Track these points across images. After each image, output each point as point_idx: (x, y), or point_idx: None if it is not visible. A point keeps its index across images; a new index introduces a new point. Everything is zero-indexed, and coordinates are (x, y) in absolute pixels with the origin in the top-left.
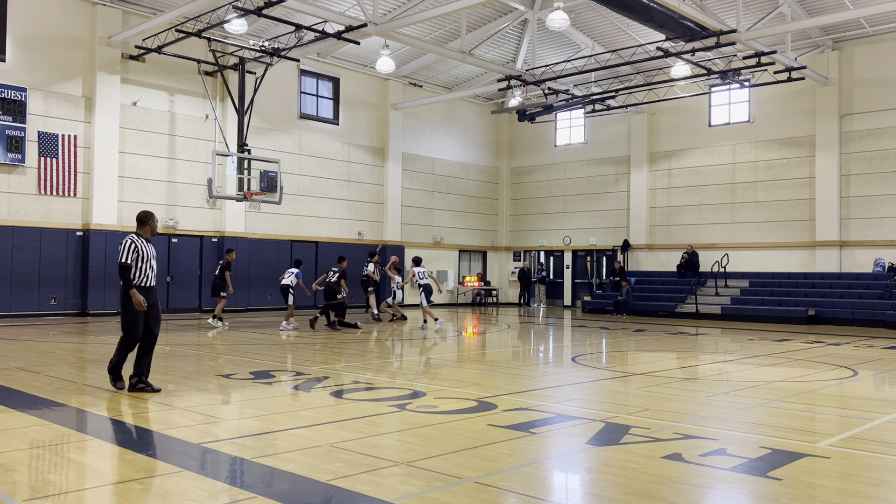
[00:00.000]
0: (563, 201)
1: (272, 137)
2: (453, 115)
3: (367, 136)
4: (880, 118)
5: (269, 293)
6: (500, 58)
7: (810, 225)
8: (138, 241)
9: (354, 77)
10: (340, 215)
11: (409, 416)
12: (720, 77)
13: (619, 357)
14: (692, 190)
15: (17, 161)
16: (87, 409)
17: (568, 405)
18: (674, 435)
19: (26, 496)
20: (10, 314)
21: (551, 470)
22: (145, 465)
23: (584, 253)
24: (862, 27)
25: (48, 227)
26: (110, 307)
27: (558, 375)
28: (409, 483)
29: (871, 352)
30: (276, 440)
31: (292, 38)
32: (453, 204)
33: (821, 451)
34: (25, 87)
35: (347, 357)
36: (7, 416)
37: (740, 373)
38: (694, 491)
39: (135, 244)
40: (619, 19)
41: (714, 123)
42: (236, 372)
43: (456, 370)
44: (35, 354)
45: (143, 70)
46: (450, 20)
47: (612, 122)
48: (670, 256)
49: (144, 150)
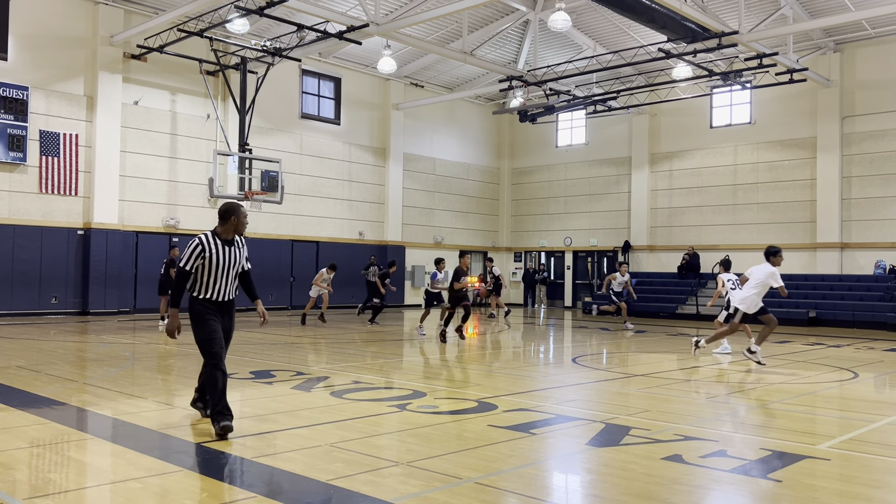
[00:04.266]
0: (564, 202)
1: (273, 137)
2: (454, 116)
3: (368, 137)
4: (882, 120)
5: (269, 293)
6: (502, 58)
7: (811, 227)
8: (211, 243)
9: (356, 77)
10: (341, 215)
11: (409, 417)
12: (722, 78)
13: (620, 358)
14: (693, 191)
15: (18, 160)
16: (88, 408)
17: (568, 406)
18: (674, 436)
19: (26, 495)
20: (11, 312)
21: (551, 471)
22: (145, 464)
23: (584, 254)
24: (864, 29)
25: (49, 225)
26: (111, 306)
27: (559, 376)
28: (409, 483)
29: (871, 354)
30: (277, 440)
31: (294, 38)
32: (454, 204)
33: (821, 452)
34: (27, 85)
35: (348, 357)
36: (7, 414)
37: (741, 374)
38: (694, 492)
39: (204, 247)
40: (621, 20)
41: (715, 125)
42: (237, 371)
43: (456, 371)
44: (36, 353)
45: (145, 69)
46: (451, 21)
47: (613, 123)
48: (671, 257)
49: (146, 150)
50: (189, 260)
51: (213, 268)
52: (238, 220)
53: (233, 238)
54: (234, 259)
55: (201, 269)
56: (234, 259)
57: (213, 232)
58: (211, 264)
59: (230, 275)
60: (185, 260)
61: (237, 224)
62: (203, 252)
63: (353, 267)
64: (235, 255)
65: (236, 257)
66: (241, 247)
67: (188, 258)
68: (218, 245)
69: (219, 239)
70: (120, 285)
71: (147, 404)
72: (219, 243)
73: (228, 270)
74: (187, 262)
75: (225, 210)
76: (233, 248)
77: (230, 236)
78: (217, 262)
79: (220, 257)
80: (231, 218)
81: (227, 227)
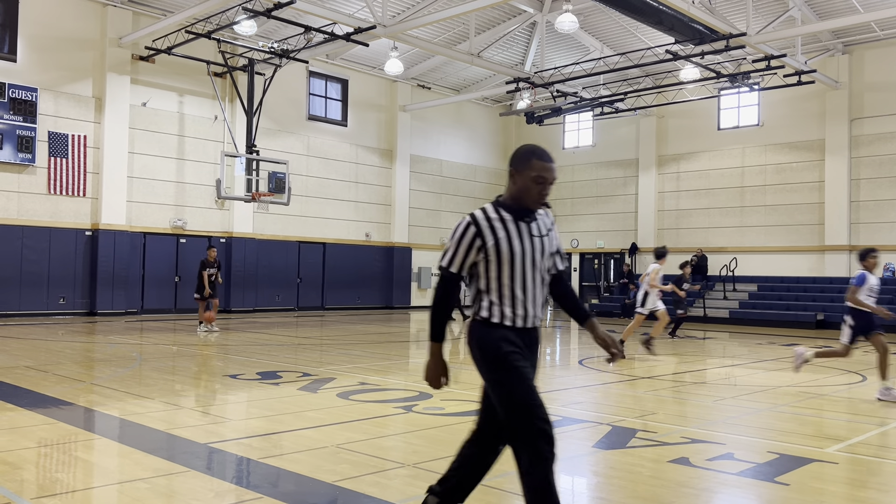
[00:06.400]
0: (570, 204)
1: (281, 139)
2: (461, 118)
3: (375, 138)
4: (891, 122)
5: (276, 294)
6: (509, 60)
7: (819, 229)
8: (494, 222)
9: (363, 79)
10: (348, 217)
11: (415, 418)
12: (729, 80)
13: (627, 360)
14: (701, 193)
15: (27, 161)
16: (95, 408)
17: (575, 408)
18: (681, 439)
19: (34, 494)
20: (20, 313)
21: (557, 473)
22: (152, 464)
23: (591, 256)
24: (872, 31)
25: (57, 226)
26: (118, 307)
27: (565, 378)
28: (414, 485)
29: None
30: (283, 441)
31: (301, 40)
32: (461, 206)
33: (829, 456)
34: (36, 87)
35: (354, 358)
36: (16, 414)
37: (748, 377)
38: (700, 495)
39: (480, 229)
40: (628, 22)
41: (723, 127)
42: (243, 372)
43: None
44: (44, 353)
45: (153, 71)
46: (458, 22)
47: (620, 124)
48: (679, 260)
49: (154, 151)
50: (455, 256)
51: (507, 265)
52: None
53: (532, 211)
54: (542, 247)
55: (485, 270)
56: (540, 248)
57: (497, 203)
58: (501, 258)
59: (536, 277)
60: (450, 257)
61: (545, 179)
62: (480, 238)
63: (359, 269)
64: (541, 239)
65: (543, 244)
66: (547, 226)
67: (452, 254)
68: (508, 224)
69: (507, 212)
70: (127, 286)
71: (154, 405)
72: (508, 220)
73: (533, 268)
74: (451, 260)
75: (523, 154)
76: (534, 227)
77: (529, 204)
78: (512, 255)
79: (517, 245)
80: (532, 161)
81: (525, 187)
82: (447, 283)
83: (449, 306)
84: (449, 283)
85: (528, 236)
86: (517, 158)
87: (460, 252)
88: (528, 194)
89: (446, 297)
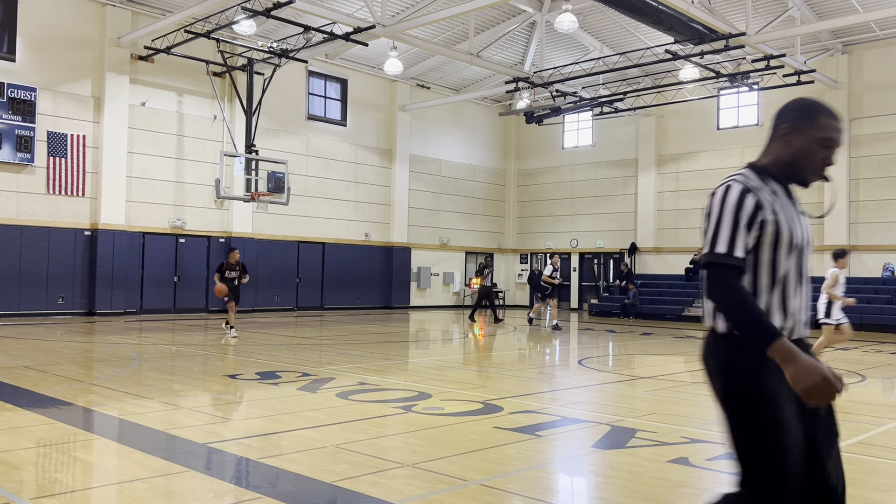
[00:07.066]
0: (570, 204)
1: (280, 138)
2: (461, 117)
3: (374, 138)
4: (890, 122)
5: (275, 294)
6: (508, 60)
7: (818, 229)
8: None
9: (362, 78)
10: (347, 216)
11: (414, 418)
12: (729, 80)
13: (626, 360)
14: (700, 193)
15: (26, 161)
16: (94, 408)
17: (574, 408)
18: (680, 439)
19: (33, 495)
20: (18, 313)
21: (557, 473)
22: (151, 464)
23: (591, 255)
24: (872, 31)
25: (56, 226)
26: (117, 307)
27: (565, 378)
28: (414, 485)
29: (879, 357)
30: (282, 441)
31: (300, 40)
32: (460, 206)
33: None
34: (35, 87)
35: (353, 358)
36: (14, 414)
37: None
38: (700, 495)
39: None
40: (628, 22)
41: (722, 126)
42: (242, 372)
43: (462, 372)
44: (42, 353)
45: (152, 70)
46: (458, 22)
47: (620, 124)
48: (678, 259)
49: (153, 151)
50: (736, 235)
51: (784, 253)
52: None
53: (806, 183)
54: (810, 234)
55: (753, 260)
56: (809, 233)
57: (755, 168)
58: (779, 244)
59: (805, 272)
60: (728, 238)
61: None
62: (761, 211)
63: (359, 269)
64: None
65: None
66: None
67: (731, 232)
68: (780, 197)
69: (775, 182)
70: (126, 286)
71: (153, 405)
72: (780, 192)
73: (805, 260)
74: (732, 241)
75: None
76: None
77: (807, 174)
78: (791, 239)
79: (797, 227)
80: (819, 119)
81: (806, 150)
82: (729, 277)
83: (749, 297)
84: (733, 275)
85: (798, 216)
86: (798, 112)
87: (741, 228)
88: (810, 161)
89: (739, 290)
